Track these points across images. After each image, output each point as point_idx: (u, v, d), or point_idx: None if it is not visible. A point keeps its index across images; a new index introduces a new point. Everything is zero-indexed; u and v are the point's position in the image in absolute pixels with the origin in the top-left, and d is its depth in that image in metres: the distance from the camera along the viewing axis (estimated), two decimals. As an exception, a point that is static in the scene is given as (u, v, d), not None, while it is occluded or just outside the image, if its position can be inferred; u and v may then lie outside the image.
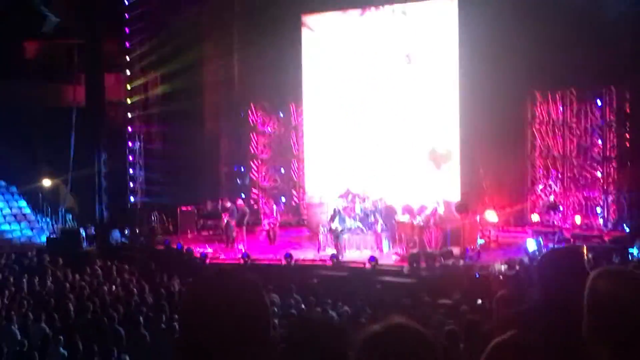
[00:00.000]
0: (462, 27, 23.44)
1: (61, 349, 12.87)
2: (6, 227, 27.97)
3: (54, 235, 26.12)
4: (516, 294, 13.43)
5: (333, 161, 26.35)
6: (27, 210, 29.08)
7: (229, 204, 24.69)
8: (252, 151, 29.49)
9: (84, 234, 25.26)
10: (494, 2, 22.87)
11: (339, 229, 22.38)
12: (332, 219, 22.66)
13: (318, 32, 26.79)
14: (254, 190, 29.27)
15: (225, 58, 28.97)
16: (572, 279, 3.98)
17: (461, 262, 20.10)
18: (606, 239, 21.77)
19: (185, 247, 23.72)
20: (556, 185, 24.75)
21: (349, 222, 22.87)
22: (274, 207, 25.95)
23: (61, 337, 13.20)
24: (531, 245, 20.84)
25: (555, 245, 19.09)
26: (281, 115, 29.41)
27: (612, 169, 23.74)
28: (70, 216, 28.52)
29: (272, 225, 24.86)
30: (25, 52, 31.29)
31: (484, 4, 23.00)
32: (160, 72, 28.61)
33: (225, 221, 24.36)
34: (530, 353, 2.67)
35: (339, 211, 22.87)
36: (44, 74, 29.65)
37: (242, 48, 28.78)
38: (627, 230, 22.27)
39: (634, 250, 19.23)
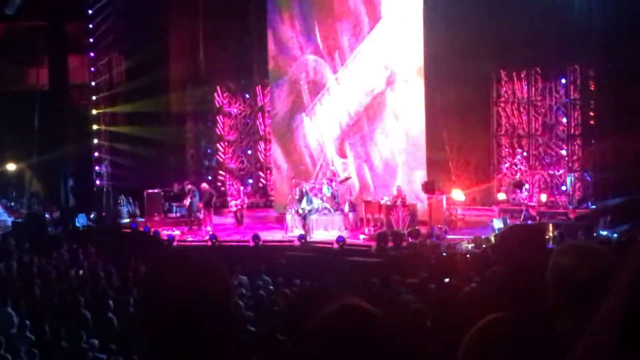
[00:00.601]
0: (426, 5, 23.37)
1: (28, 334, 12.79)
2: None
3: (20, 220, 25.89)
4: (479, 271, 13.54)
5: (300, 142, 26.31)
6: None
7: (189, 186, 24.68)
8: (219, 133, 29.38)
9: (49, 218, 25.08)
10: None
11: (307, 209, 22.40)
12: (300, 199, 22.67)
13: (284, 9, 26.57)
14: (221, 172, 29.18)
15: (191, 39, 28.79)
16: (531, 254, 4.03)
17: (428, 241, 20.19)
18: (572, 216, 22.00)
19: (152, 229, 23.64)
20: (522, 164, 24.93)
21: (317, 203, 22.90)
22: (241, 188, 25.91)
23: (28, 322, 13.12)
24: (498, 224, 21.00)
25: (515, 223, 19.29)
26: (247, 96, 29.32)
27: (577, 146, 23.93)
28: (36, 200, 28.28)
29: (239, 207, 24.83)
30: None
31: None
32: (124, 54, 28.38)
33: (188, 203, 24.32)
34: (512, 333, 2.70)
35: (307, 192, 22.89)
36: (7, 57, 29.24)
37: (207, 29, 28.59)
38: (592, 207, 22.50)
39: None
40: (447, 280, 15.40)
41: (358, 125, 25.13)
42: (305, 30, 25.87)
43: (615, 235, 18.94)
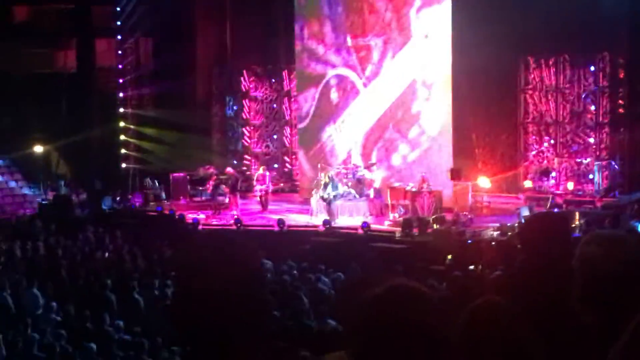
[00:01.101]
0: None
1: (54, 315, 12.90)
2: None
3: (47, 202, 26.07)
4: (505, 259, 13.48)
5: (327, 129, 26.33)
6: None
7: (211, 170, 24.77)
8: (244, 117, 29.39)
9: (76, 200, 25.23)
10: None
11: (332, 195, 22.38)
12: (325, 185, 22.65)
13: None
14: (247, 157, 29.20)
15: (218, 23, 28.79)
16: (554, 243, 3.98)
17: (453, 228, 20.12)
18: (598, 204, 21.83)
19: (178, 213, 23.72)
20: (549, 152, 24.74)
21: (341, 189, 22.87)
22: (267, 173, 25.92)
23: (54, 304, 13.23)
24: (524, 211, 20.87)
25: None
26: (273, 81, 29.30)
27: (604, 134, 23.70)
28: (63, 182, 28.44)
29: (264, 192, 24.85)
30: (15, 17, 30.98)
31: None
32: (151, 37, 28.44)
33: (211, 188, 24.39)
34: (503, 316, 2.67)
35: (332, 177, 22.87)
36: (34, 39, 29.38)
37: (234, 13, 28.58)
38: (619, 196, 22.31)
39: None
40: (472, 267, 15.38)
41: (385, 113, 25.08)
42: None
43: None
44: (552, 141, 24.66)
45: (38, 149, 28.88)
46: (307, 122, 26.85)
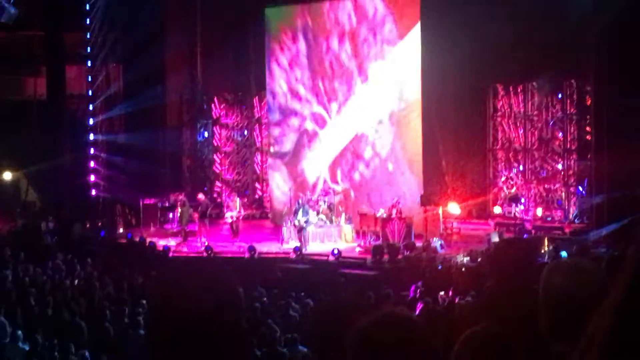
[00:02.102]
0: (424, 21, 23.48)
1: (21, 344, 12.77)
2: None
3: (15, 229, 25.83)
4: (475, 285, 13.53)
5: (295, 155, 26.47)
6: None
7: (180, 197, 24.78)
8: (215, 144, 29.37)
9: (45, 227, 25.03)
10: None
11: (303, 221, 22.40)
12: (296, 212, 22.67)
13: (282, 23, 26.75)
14: (217, 183, 29.16)
15: (188, 50, 28.83)
16: (520, 269, 4.03)
17: (424, 254, 20.17)
18: (567, 230, 21.99)
19: (148, 240, 23.60)
20: (517, 178, 24.95)
21: (312, 215, 22.90)
22: (237, 200, 25.86)
23: (20, 332, 13.09)
24: (495, 237, 20.96)
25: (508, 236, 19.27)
26: (244, 107, 29.33)
27: (572, 161, 23.94)
28: (32, 210, 28.22)
29: (235, 218, 24.79)
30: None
31: (446, -2, 23.16)
32: (122, 63, 28.40)
33: (179, 214, 24.35)
34: (500, 345, 2.71)
35: (303, 204, 22.89)
36: (4, 66, 29.24)
37: (205, 40, 28.65)
38: (588, 222, 22.49)
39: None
40: (442, 293, 15.40)
41: (355, 138, 25.27)
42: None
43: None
44: (521, 167, 24.87)
45: (7, 175, 28.66)
46: (277, 148, 26.96)
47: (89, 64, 28.41)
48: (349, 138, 25.51)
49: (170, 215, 26.14)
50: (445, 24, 22.96)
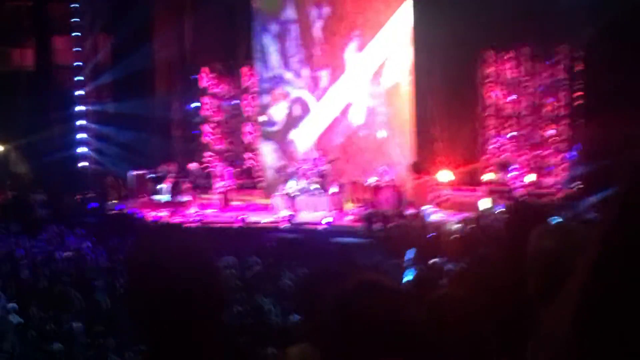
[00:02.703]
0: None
1: (15, 317, 12.75)
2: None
3: (5, 202, 25.77)
4: (467, 252, 13.55)
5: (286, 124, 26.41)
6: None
7: (169, 167, 24.70)
8: (205, 114, 29.25)
9: (35, 199, 24.97)
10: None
11: (293, 190, 22.38)
12: (287, 181, 22.64)
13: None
14: (208, 154, 29.07)
15: (177, 19, 28.62)
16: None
17: (415, 222, 20.20)
18: (559, 196, 22.03)
19: (139, 211, 23.58)
20: (509, 144, 24.94)
21: (303, 184, 22.88)
22: (228, 170, 25.81)
23: (13, 305, 13.07)
24: (485, 204, 21.01)
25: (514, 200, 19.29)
26: (232, 77, 29.19)
27: (564, 127, 23.94)
28: (21, 182, 28.12)
29: (226, 188, 24.77)
30: (-29, 15, 30.59)
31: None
32: (109, 34, 28.21)
33: (171, 185, 24.25)
34: (461, 307, 2.70)
35: (294, 173, 22.86)
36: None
37: (194, 9, 28.44)
38: (580, 188, 22.53)
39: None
40: (434, 260, 15.43)
41: (345, 106, 25.22)
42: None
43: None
44: (512, 134, 24.86)
45: (-4, 148, 28.55)
46: (267, 117, 26.87)
47: (77, 34, 28.22)
48: (340, 107, 25.42)
49: (160, 186, 26.06)
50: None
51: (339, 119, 25.41)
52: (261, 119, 26.47)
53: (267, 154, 26.81)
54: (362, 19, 24.88)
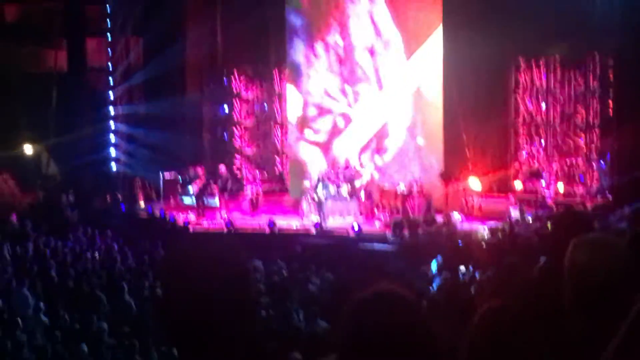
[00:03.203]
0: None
1: (42, 316, 12.85)
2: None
3: (36, 202, 25.95)
4: (495, 260, 13.48)
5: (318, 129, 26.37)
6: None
7: (199, 171, 24.78)
8: (235, 118, 29.32)
9: (66, 200, 25.15)
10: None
11: (323, 196, 22.37)
12: (316, 186, 22.64)
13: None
14: (237, 157, 29.13)
15: (209, 22, 28.70)
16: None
17: (444, 229, 20.13)
18: (588, 205, 21.85)
19: (168, 214, 23.66)
20: (539, 153, 24.79)
21: (332, 190, 22.86)
22: (257, 174, 25.85)
23: (42, 304, 13.18)
24: (515, 213, 20.89)
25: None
26: (263, 81, 29.22)
27: (595, 136, 23.78)
28: (53, 182, 28.33)
29: (255, 193, 24.80)
30: (5, 15, 30.87)
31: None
32: (142, 37, 28.38)
33: (200, 188, 24.27)
34: (518, 322, 2.67)
35: (322, 178, 22.86)
36: (25, 38, 29.24)
37: (225, 12, 28.51)
38: (610, 198, 22.35)
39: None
40: (462, 268, 15.38)
41: (376, 114, 25.20)
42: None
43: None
44: (543, 142, 24.72)
45: (28, 148, 28.77)
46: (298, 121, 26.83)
47: (109, 36, 28.44)
48: (379, 122, 25.45)
49: (190, 188, 26.13)
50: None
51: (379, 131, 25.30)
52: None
53: (306, 161, 26.58)
54: (390, 26, 24.82)
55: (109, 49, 28.54)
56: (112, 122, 28.51)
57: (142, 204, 25.89)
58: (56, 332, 11.72)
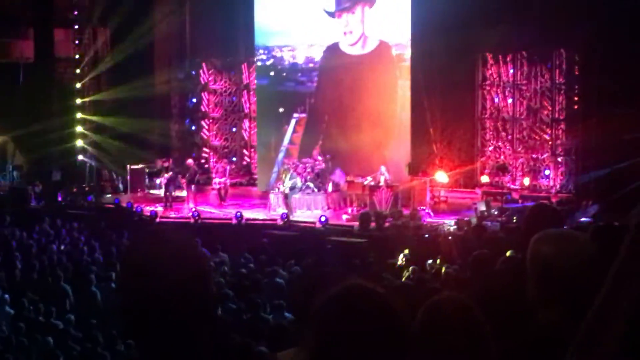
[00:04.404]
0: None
1: (7, 308, 12.76)
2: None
3: (1, 193, 25.73)
4: (462, 254, 13.57)
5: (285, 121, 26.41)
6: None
7: (165, 164, 24.72)
8: (203, 110, 29.24)
9: (32, 191, 24.96)
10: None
11: (290, 188, 22.38)
12: (283, 179, 22.64)
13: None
14: (205, 149, 29.07)
15: (177, 15, 28.55)
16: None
17: (411, 222, 20.21)
18: (553, 200, 22.06)
19: (135, 205, 23.56)
20: (505, 147, 24.97)
21: (299, 182, 22.87)
22: (226, 166, 25.80)
23: (7, 296, 13.09)
24: (482, 207, 21.02)
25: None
26: (232, 73, 29.14)
27: (560, 131, 23.98)
28: (18, 173, 28.09)
29: (223, 185, 24.76)
30: (-29, 6, 30.51)
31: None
32: (109, 27, 28.18)
33: (167, 180, 24.15)
34: (462, 312, 2.69)
35: (290, 170, 22.86)
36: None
37: (193, 4, 28.40)
38: (574, 192, 22.60)
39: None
40: (429, 262, 15.45)
41: (344, 107, 25.22)
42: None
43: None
44: (509, 137, 24.90)
45: (-7, 139, 28.49)
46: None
47: (77, 27, 28.22)
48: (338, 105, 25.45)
49: (157, 180, 26.04)
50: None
51: (335, 117, 25.35)
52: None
53: (265, 151, 26.70)
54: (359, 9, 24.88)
55: (76, 39, 28.31)
56: (79, 113, 28.29)
57: (109, 195, 25.76)
58: (20, 323, 11.65)
